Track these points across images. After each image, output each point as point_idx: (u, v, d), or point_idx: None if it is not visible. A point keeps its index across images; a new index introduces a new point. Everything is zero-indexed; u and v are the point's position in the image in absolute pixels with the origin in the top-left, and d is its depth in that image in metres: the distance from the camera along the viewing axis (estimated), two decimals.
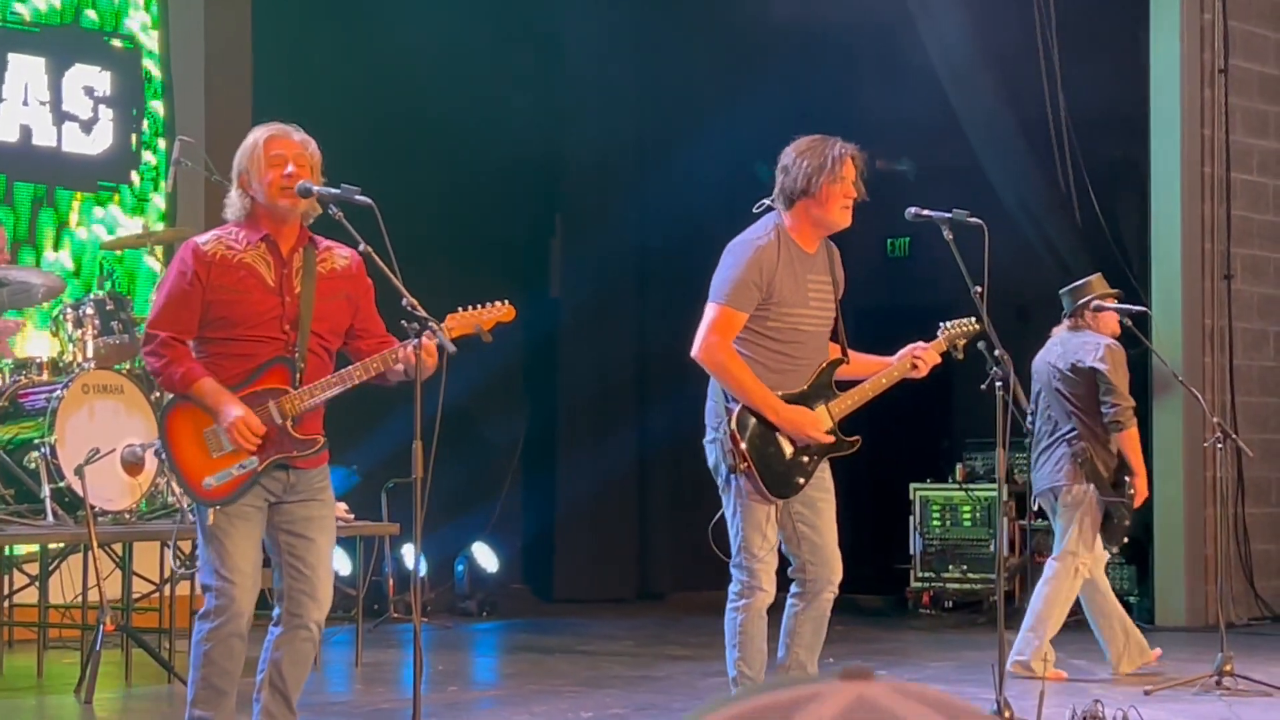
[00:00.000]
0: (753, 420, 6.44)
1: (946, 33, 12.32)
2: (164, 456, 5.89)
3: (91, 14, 11.48)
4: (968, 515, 12.89)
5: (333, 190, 5.73)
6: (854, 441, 6.65)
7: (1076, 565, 9.00)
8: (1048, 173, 12.35)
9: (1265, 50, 12.77)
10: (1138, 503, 9.00)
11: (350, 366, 5.80)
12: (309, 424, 5.80)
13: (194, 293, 5.68)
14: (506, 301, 6.01)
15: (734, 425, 6.41)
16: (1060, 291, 9.52)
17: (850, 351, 6.74)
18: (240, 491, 5.70)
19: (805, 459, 6.52)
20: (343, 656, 9.91)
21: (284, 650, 5.77)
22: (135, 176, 11.60)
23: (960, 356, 6.89)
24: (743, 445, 6.39)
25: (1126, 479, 8.98)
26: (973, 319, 6.94)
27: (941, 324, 6.93)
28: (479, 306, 5.97)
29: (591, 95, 13.86)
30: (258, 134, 5.80)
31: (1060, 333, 9.38)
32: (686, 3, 14.01)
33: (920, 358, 6.73)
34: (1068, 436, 9.10)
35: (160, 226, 11.23)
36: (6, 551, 9.13)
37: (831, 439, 6.55)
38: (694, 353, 6.47)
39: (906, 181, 13.52)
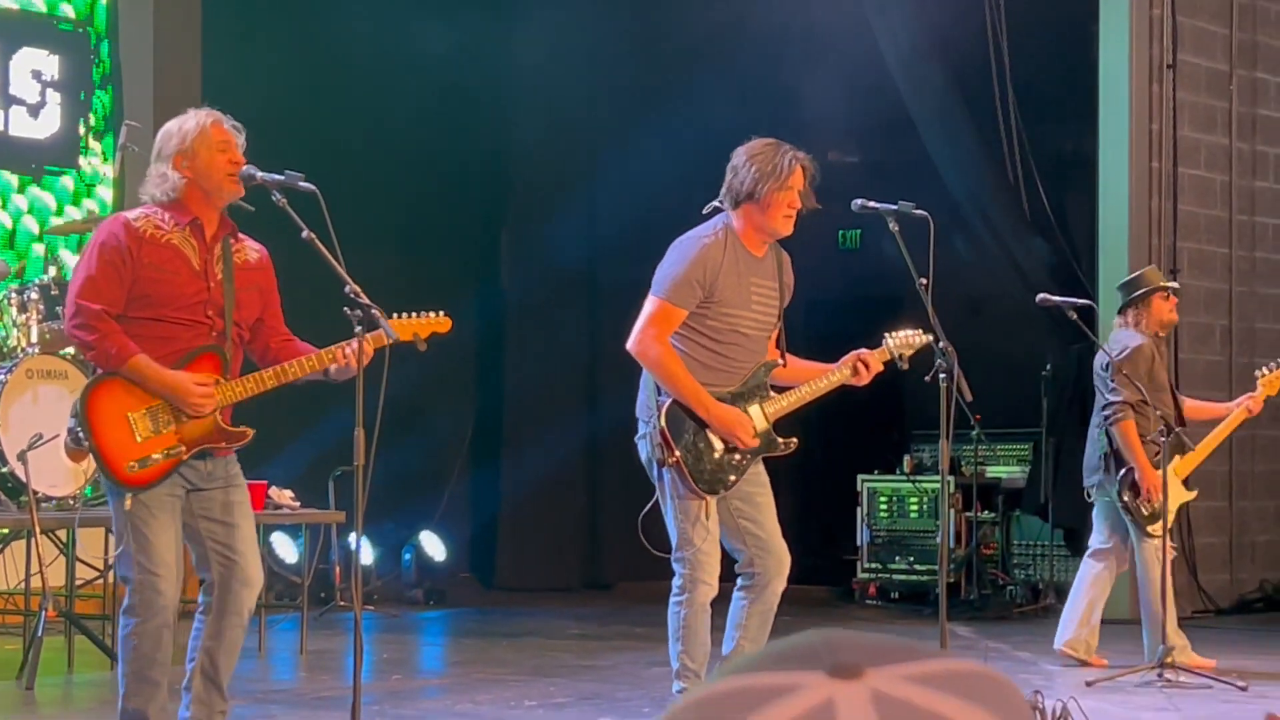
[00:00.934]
0: (684, 416, 6.43)
1: (896, 26, 12.34)
2: (82, 436, 5.71)
3: None
4: (915, 507, 12.93)
5: (276, 176, 5.71)
6: (789, 443, 6.64)
7: (1151, 547, 9.04)
8: (997, 166, 12.38)
9: (1213, 46, 12.84)
10: (1144, 492, 9.03)
11: (282, 365, 5.77)
12: (227, 413, 5.78)
13: (124, 267, 5.61)
14: (444, 312, 6.02)
15: (664, 420, 6.40)
16: (1115, 286, 9.70)
17: (789, 357, 6.74)
18: (162, 479, 5.65)
19: (737, 457, 6.50)
20: (288, 644, 9.89)
21: (214, 638, 5.73)
22: (83, 161, 11.53)
23: (905, 367, 6.89)
24: (672, 440, 6.39)
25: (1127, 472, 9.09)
26: (919, 331, 6.95)
27: (887, 334, 6.93)
28: (417, 315, 5.97)
29: (543, 88, 13.84)
30: (201, 118, 5.75)
31: (1113, 329, 9.53)
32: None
33: (865, 363, 6.73)
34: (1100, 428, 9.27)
35: (107, 212, 11.16)
36: None
37: (757, 442, 6.54)
38: (629, 345, 6.46)
39: (856, 174, 13.53)
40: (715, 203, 6.59)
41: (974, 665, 1.12)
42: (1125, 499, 9.09)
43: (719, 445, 6.46)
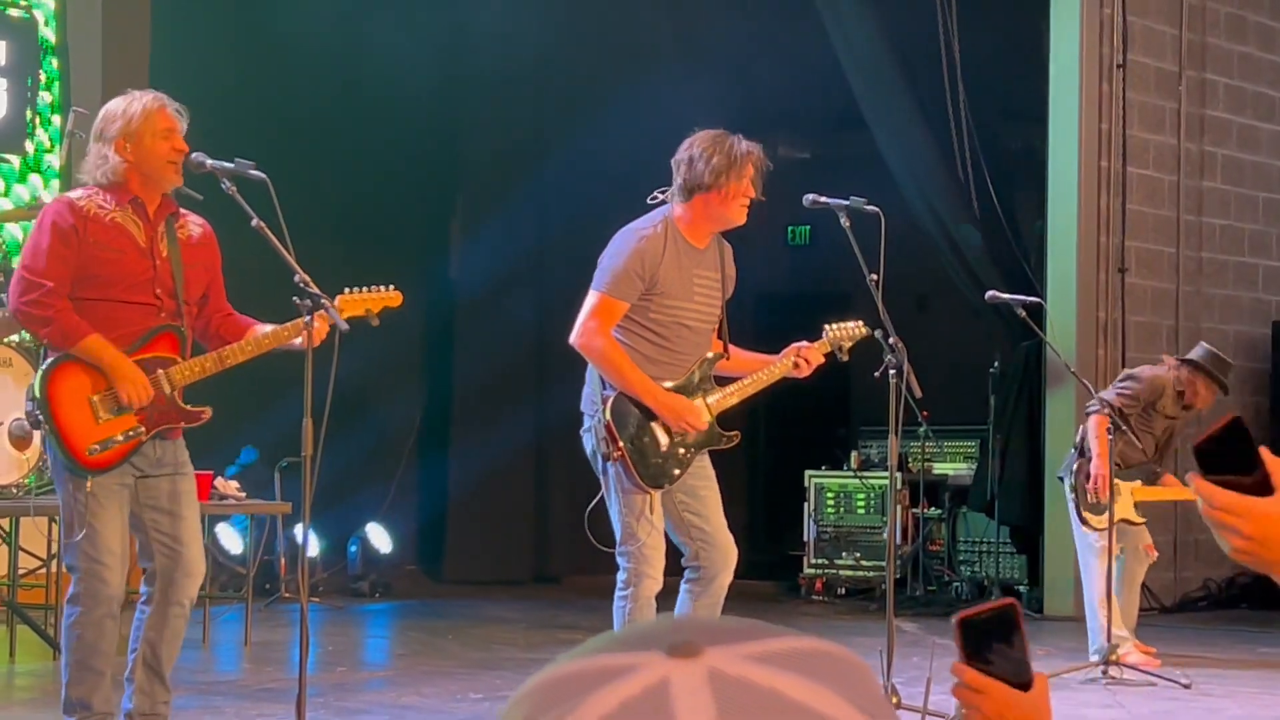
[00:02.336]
0: (629, 409, 6.41)
1: (848, 21, 12.35)
2: (42, 418, 5.63)
3: None
4: (862, 503, 12.95)
5: (226, 164, 5.67)
6: (732, 436, 6.64)
7: (1091, 540, 9.09)
8: (947, 163, 12.41)
9: (1163, 46, 12.89)
10: (1091, 479, 9.06)
11: (244, 340, 5.75)
12: (181, 394, 5.75)
13: (71, 246, 5.57)
14: (394, 286, 5.99)
15: (609, 413, 6.38)
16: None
17: (732, 348, 6.72)
18: (122, 460, 5.62)
19: (681, 450, 6.49)
20: (232, 635, 9.83)
21: (157, 628, 5.70)
22: (29, 147, 11.44)
23: (845, 358, 6.89)
24: (617, 434, 6.37)
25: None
26: (859, 323, 6.95)
27: (827, 325, 6.92)
28: (369, 289, 5.94)
29: (492, 77, 13.80)
30: (143, 101, 5.71)
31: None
32: None
33: (804, 357, 6.72)
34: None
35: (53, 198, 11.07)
36: None
37: (706, 427, 6.53)
38: (572, 339, 6.44)
39: (807, 169, 13.55)
40: (660, 194, 6.57)
41: (822, 644, 1.11)
42: (1074, 485, 9.12)
43: (664, 439, 6.45)
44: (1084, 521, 9.10)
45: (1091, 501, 9.08)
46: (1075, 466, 9.16)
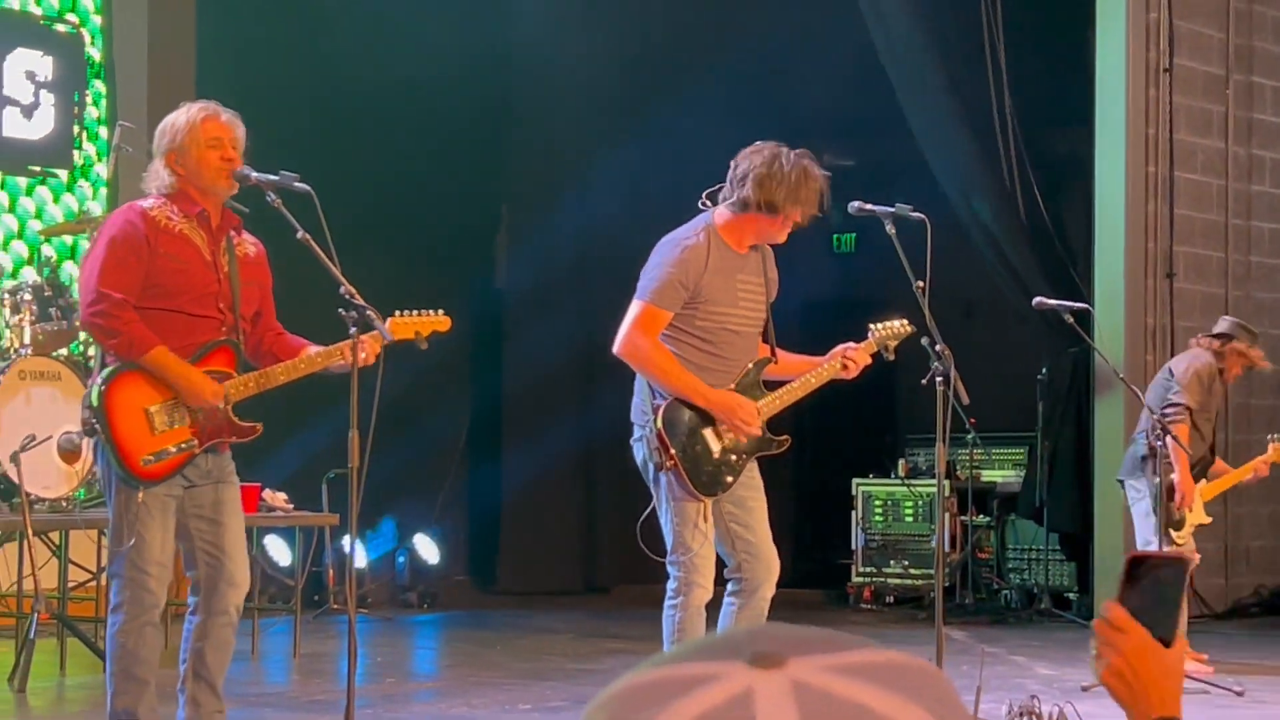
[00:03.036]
0: (680, 417, 6.39)
1: (892, 27, 12.32)
2: (99, 428, 5.63)
3: None
4: (910, 510, 12.90)
5: (271, 177, 5.69)
6: (782, 441, 6.61)
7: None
8: (994, 170, 12.37)
9: (1209, 49, 12.83)
10: (1178, 497, 9.06)
11: (295, 359, 5.77)
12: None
13: (141, 255, 5.58)
14: (442, 311, 6.01)
15: (660, 422, 6.36)
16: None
17: (779, 351, 6.71)
18: (174, 472, 5.64)
19: (734, 457, 6.47)
20: (281, 647, 9.85)
21: (205, 639, 5.72)
22: (76, 161, 11.50)
23: (891, 357, 6.86)
24: (669, 442, 6.35)
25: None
26: (903, 321, 6.92)
27: (872, 325, 6.90)
28: (417, 312, 5.96)
29: (538, 84, 13.82)
30: (192, 113, 5.73)
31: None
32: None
33: (851, 359, 6.69)
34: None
35: (100, 212, 11.13)
36: None
37: (758, 430, 6.51)
38: (616, 349, 6.42)
39: (852, 176, 13.52)
40: (708, 198, 6.55)
41: (902, 656, 1.11)
42: (1157, 500, 9.06)
43: (715, 446, 6.43)
44: (1169, 539, 9.05)
45: (1177, 517, 9.06)
46: (1153, 478, 9.07)
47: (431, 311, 6.00)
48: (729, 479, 6.45)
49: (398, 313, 5.92)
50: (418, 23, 13.03)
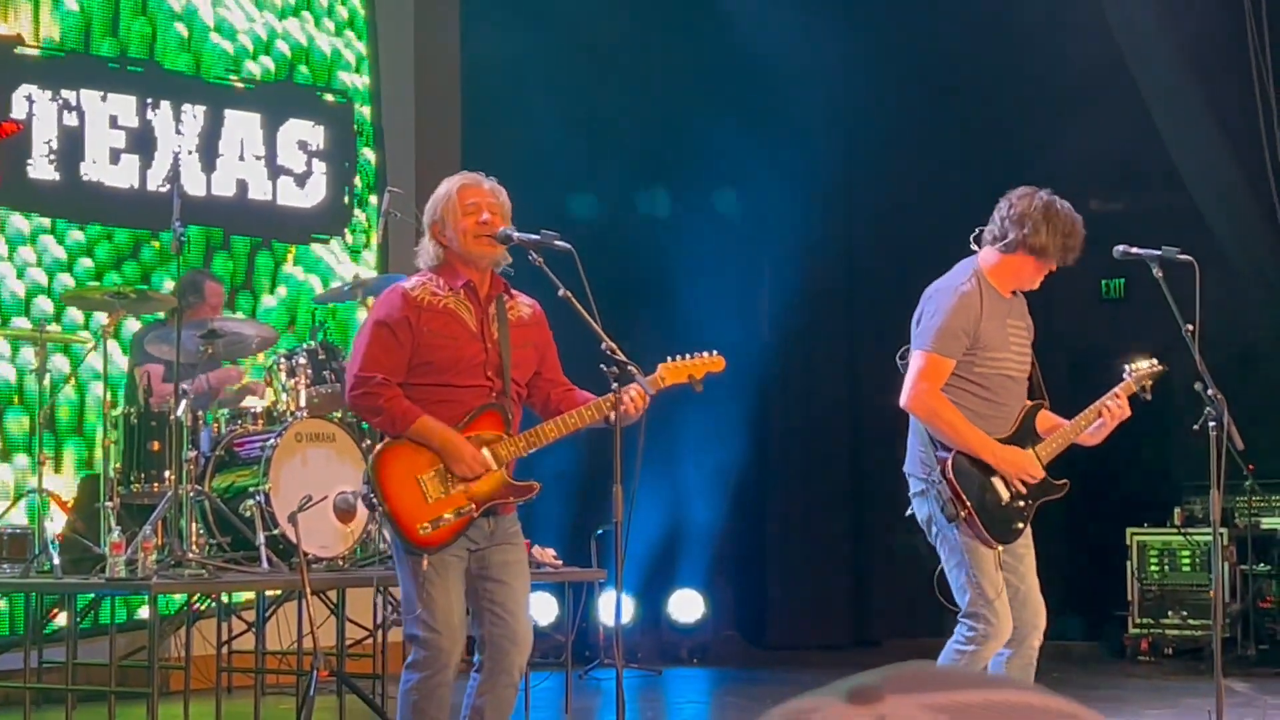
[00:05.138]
0: (968, 466, 6.35)
1: (1159, 72, 12.11)
2: (375, 501, 5.79)
3: (304, 70, 11.72)
4: (1186, 560, 12.61)
5: (533, 236, 5.78)
6: (1062, 485, 6.55)
7: None
8: (1266, 213, 12.07)
9: None
10: None
11: (562, 415, 5.83)
12: (511, 469, 5.85)
13: (404, 336, 5.72)
14: (716, 351, 6.03)
15: (951, 473, 6.32)
16: None
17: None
18: (453, 538, 5.73)
19: (1021, 503, 6.42)
20: (552, 703, 9.93)
21: (487, 697, 5.80)
22: (347, 228, 11.80)
23: (1147, 398, 6.73)
24: (962, 493, 6.30)
25: None
26: (1154, 361, 6.80)
27: (1127, 366, 6.78)
28: (690, 356, 5.99)
29: (795, 124, 13.81)
30: (450, 184, 5.87)
31: None
32: (898, 39, 13.86)
33: (1109, 408, 6.60)
34: None
35: (370, 277, 11.39)
36: (224, 599, 9.29)
37: (1042, 477, 6.46)
38: (903, 402, 6.39)
39: (1119, 221, 13.30)
40: (981, 238, 6.51)
41: (1029, 699, 1.09)
42: None
43: (1004, 493, 6.38)
44: None
45: None
46: None
47: (705, 353, 6.02)
48: (1019, 525, 6.41)
49: (669, 357, 5.96)
50: (683, 88, 13.13)
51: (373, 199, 11.81)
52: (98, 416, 9.99)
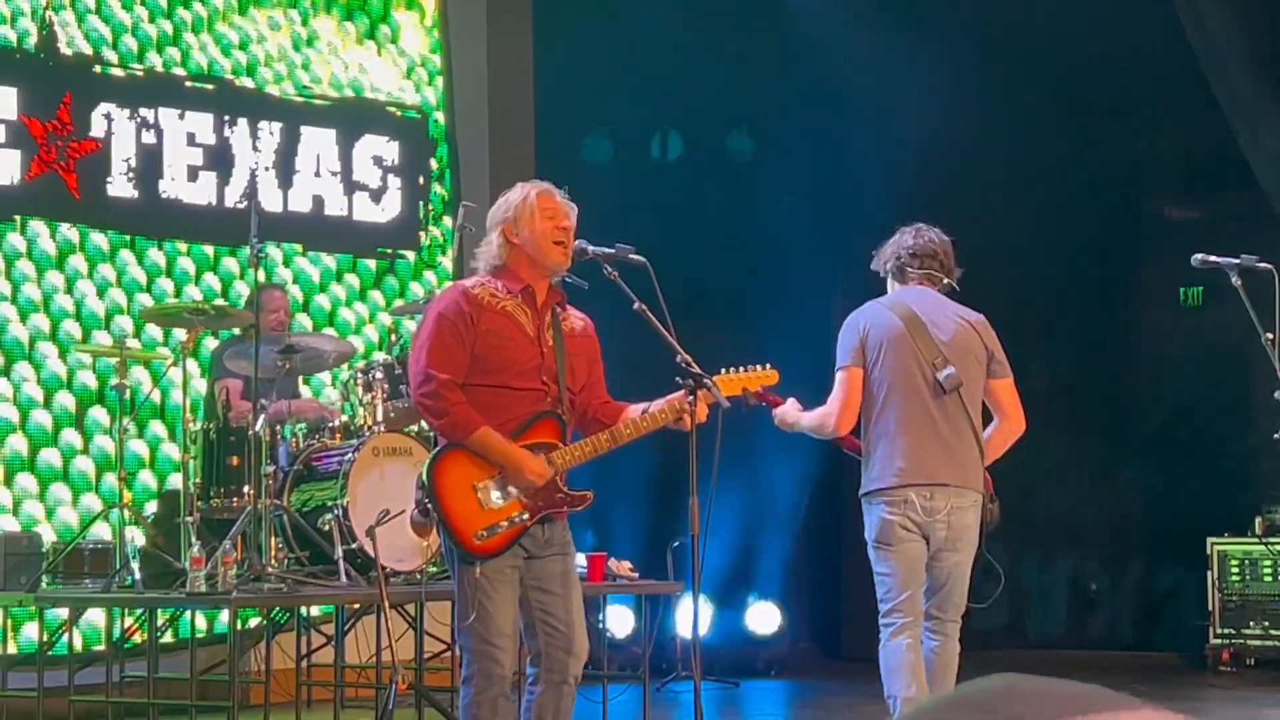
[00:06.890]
0: None
1: (1234, 81, 12.02)
2: (431, 507, 5.80)
3: (378, 86, 11.78)
4: (1269, 570, 12.49)
5: (607, 250, 5.80)
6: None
7: None
8: None
9: None
10: None
11: (619, 425, 5.83)
12: (564, 478, 5.85)
13: (465, 334, 5.72)
14: (770, 365, 6.02)
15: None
16: None
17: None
18: (508, 546, 5.73)
19: None
20: (630, 716, 9.93)
21: (544, 708, 5.79)
22: (423, 242, 11.85)
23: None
24: None
25: None
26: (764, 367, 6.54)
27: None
28: (744, 369, 5.99)
29: (876, 140, 13.78)
30: (527, 188, 5.88)
31: None
32: (1007, 56, 13.76)
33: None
34: None
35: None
36: (303, 612, 9.34)
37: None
38: (1019, 425, 6.57)
39: (1196, 230, 13.20)
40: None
41: (1159, 715, 1.07)
42: None
43: None
44: None
45: None
46: None
47: (759, 366, 6.02)
48: None
49: (724, 370, 5.96)
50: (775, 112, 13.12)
51: (445, 219, 11.86)
52: (178, 432, 10.07)
